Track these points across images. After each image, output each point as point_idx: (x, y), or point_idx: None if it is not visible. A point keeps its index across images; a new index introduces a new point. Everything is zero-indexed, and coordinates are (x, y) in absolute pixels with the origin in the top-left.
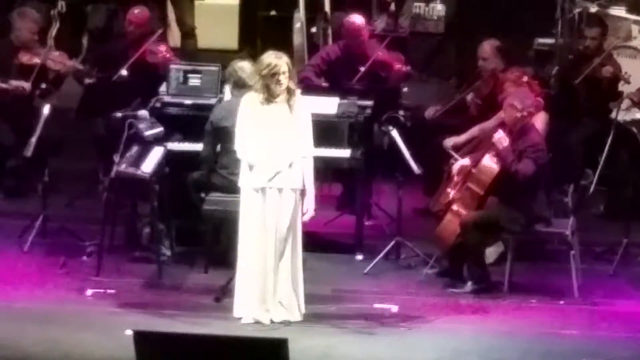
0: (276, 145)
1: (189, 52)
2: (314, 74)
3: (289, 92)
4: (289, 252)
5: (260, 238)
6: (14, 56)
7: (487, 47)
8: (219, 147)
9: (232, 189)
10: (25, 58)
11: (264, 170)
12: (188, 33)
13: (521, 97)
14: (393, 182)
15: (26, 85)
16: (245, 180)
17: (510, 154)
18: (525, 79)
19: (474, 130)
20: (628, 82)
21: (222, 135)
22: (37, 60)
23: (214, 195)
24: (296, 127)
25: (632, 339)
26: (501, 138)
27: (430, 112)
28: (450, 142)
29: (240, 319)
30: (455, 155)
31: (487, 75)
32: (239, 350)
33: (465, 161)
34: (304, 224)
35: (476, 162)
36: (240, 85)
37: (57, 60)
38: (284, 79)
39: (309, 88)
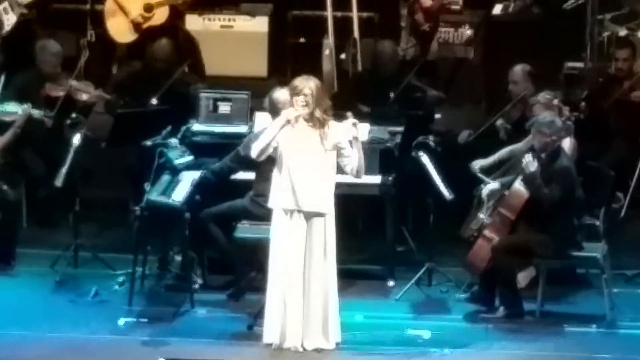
0: (301, 169)
1: (219, 79)
2: None
3: (320, 121)
4: (322, 277)
5: (288, 262)
6: (40, 87)
7: (519, 71)
8: (253, 175)
9: (266, 216)
10: (50, 89)
11: (290, 192)
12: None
13: (549, 122)
14: (424, 208)
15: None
16: (273, 201)
17: (537, 178)
18: (555, 102)
19: (502, 152)
20: None
21: (259, 162)
22: (62, 92)
23: (247, 223)
24: (338, 153)
25: None
26: (529, 163)
27: (463, 136)
28: (477, 164)
29: (271, 345)
30: (485, 179)
31: (517, 99)
32: None
33: (495, 185)
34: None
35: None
36: (276, 114)
37: (82, 90)
38: (302, 100)
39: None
